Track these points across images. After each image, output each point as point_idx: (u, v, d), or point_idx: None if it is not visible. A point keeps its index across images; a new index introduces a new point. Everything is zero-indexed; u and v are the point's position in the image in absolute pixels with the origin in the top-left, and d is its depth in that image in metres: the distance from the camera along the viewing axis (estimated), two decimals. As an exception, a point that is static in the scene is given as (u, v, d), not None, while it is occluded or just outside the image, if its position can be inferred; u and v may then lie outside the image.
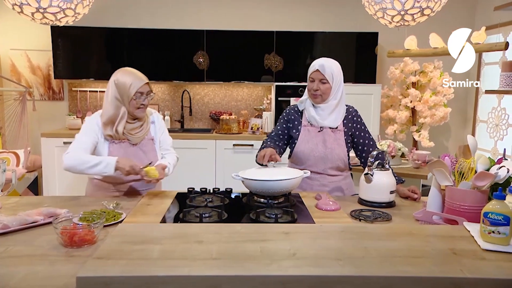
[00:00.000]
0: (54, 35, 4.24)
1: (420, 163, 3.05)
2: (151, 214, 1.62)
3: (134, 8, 4.51)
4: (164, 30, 4.28)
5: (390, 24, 2.66)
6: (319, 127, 2.08)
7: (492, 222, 1.15)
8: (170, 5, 4.51)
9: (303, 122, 2.12)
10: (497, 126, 4.11)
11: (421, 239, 1.24)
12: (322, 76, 2.04)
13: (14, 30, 4.48)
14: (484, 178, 1.36)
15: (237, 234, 1.25)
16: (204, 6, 4.52)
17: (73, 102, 4.62)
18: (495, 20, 4.01)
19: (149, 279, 0.97)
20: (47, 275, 1.05)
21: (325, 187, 2.06)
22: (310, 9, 4.55)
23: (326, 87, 2.05)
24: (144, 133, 2.02)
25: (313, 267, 1.03)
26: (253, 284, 0.99)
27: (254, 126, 4.22)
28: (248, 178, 1.67)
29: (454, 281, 0.99)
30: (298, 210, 1.67)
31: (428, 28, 3.81)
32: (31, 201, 1.76)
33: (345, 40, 4.36)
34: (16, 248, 1.23)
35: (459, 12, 4.53)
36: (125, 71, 1.97)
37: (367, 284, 1.00)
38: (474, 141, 1.48)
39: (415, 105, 4.06)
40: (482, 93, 4.39)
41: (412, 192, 1.89)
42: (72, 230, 1.22)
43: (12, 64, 4.53)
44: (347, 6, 4.54)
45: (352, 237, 1.24)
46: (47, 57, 4.48)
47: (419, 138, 4.12)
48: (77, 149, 1.88)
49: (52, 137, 4.05)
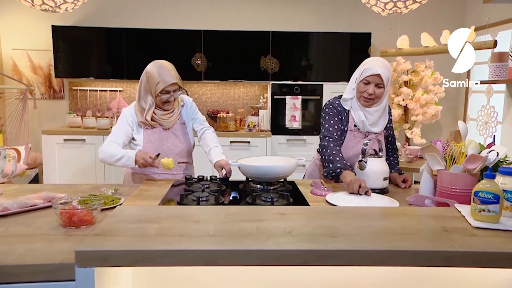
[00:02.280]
0: (55, 35, 4.23)
1: (412, 157, 3.06)
2: (150, 198, 1.60)
3: (133, 9, 4.50)
4: (162, 30, 4.28)
5: (383, 11, 2.65)
6: (365, 133, 1.92)
7: (482, 201, 1.15)
8: (168, 6, 4.52)
9: (350, 125, 1.92)
10: (486, 123, 4.13)
11: (414, 219, 1.24)
12: (380, 80, 1.83)
13: (16, 30, 4.47)
14: (475, 161, 1.36)
15: (234, 215, 1.24)
16: (201, 7, 4.52)
17: (73, 100, 4.60)
18: (484, 21, 4.04)
19: (147, 253, 0.96)
20: (46, 252, 1.04)
21: None
22: (305, 10, 4.56)
23: (381, 92, 1.85)
24: (175, 118, 2.06)
25: (308, 243, 1.02)
26: (249, 258, 0.98)
27: (250, 124, 4.22)
28: (244, 164, 1.66)
29: (446, 254, 0.98)
30: (293, 195, 1.66)
31: (419, 28, 3.84)
32: (31, 188, 1.75)
33: (339, 40, 4.38)
34: (16, 228, 1.22)
35: (449, 13, 4.57)
36: (158, 67, 1.98)
37: (361, 258, 0.99)
38: (465, 127, 1.49)
39: (408, 103, 4.07)
40: (471, 92, 4.41)
41: (403, 180, 1.89)
42: (71, 210, 1.21)
43: (13, 63, 4.51)
44: (341, 7, 4.56)
45: (346, 217, 1.24)
46: (48, 57, 4.46)
47: (411, 135, 4.13)
48: (109, 142, 1.96)
49: (52, 134, 4.03)
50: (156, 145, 1.99)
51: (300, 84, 4.22)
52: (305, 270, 1.21)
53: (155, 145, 1.99)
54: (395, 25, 4.31)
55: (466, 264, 0.98)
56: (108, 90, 4.60)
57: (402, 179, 1.89)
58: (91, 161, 4.06)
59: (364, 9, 4.51)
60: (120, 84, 4.61)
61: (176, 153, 2.02)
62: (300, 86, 4.21)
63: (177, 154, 2.03)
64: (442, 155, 1.48)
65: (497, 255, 0.98)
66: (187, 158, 2.12)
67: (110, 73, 4.38)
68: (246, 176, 1.74)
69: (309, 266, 1.00)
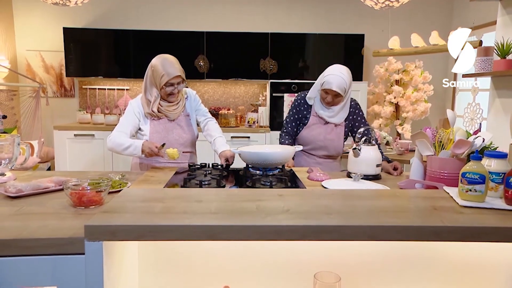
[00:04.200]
0: (66, 37, 4.22)
1: (403, 150, 3.06)
2: (155, 183, 1.60)
3: (139, 11, 4.50)
4: (166, 32, 4.28)
5: (376, 5, 2.64)
6: (325, 121, 2.11)
7: (469, 181, 1.15)
8: (172, 9, 4.51)
9: (312, 112, 2.13)
10: (472, 120, 4.13)
11: (405, 200, 1.23)
12: (337, 93, 1.99)
13: (30, 32, 4.47)
14: (462, 146, 1.36)
15: (235, 195, 1.24)
16: (204, 10, 4.52)
17: (83, 98, 4.60)
18: (470, 23, 4.04)
19: (152, 228, 0.96)
20: (57, 227, 1.03)
21: (319, 164, 2.12)
22: (302, 13, 4.56)
23: (339, 100, 2.05)
24: (180, 110, 2.06)
25: (305, 219, 1.02)
26: (248, 233, 0.98)
27: (250, 120, 4.22)
28: (245, 151, 1.66)
29: (435, 229, 0.98)
30: (291, 179, 1.66)
31: (409, 29, 3.84)
32: (43, 174, 1.75)
33: (334, 41, 4.37)
34: (30, 208, 1.21)
35: (437, 15, 4.58)
36: (162, 60, 1.97)
37: (355, 233, 0.99)
38: (453, 115, 1.48)
39: (399, 101, 4.07)
40: (458, 90, 4.41)
41: (394, 168, 1.88)
42: (81, 191, 1.21)
43: (27, 64, 4.50)
44: (336, 10, 4.56)
45: (341, 198, 1.24)
46: (59, 57, 4.46)
47: (402, 131, 4.13)
48: (118, 132, 1.95)
49: (64, 130, 4.03)
50: (162, 135, 1.99)
51: (297, 82, 4.21)
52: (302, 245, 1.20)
53: (161, 135, 1.99)
54: (387, 26, 4.31)
55: (454, 238, 0.98)
56: (115, 88, 4.60)
57: (393, 167, 1.89)
58: (99, 154, 4.06)
59: (358, 11, 4.51)
60: (127, 82, 4.60)
61: (181, 143, 2.02)
62: (297, 84, 4.20)
63: (182, 144, 2.03)
64: (431, 141, 1.48)
65: (483, 229, 0.97)
66: (191, 148, 2.12)
67: (117, 72, 4.37)
68: (246, 162, 1.74)
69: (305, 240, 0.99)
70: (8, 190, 1.30)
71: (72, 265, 0.94)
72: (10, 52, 4.39)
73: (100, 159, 4.07)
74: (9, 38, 4.39)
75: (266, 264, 1.24)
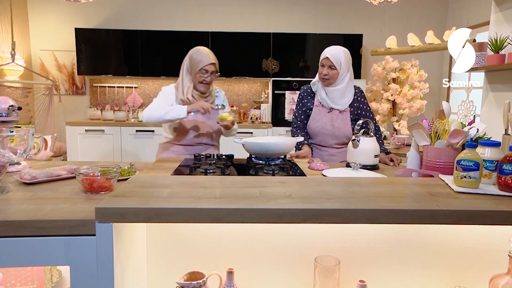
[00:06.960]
0: (78, 37, 4.23)
1: (400, 144, 3.04)
2: (162, 171, 1.60)
3: (147, 12, 4.50)
4: (173, 32, 4.28)
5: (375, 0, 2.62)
6: (329, 108, 2.07)
7: (464, 168, 1.14)
8: (178, 10, 4.51)
9: (315, 102, 2.11)
10: (466, 117, 4.09)
11: (402, 186, 1.22)
12: (330, 62, 2.00)
13: (43, 33, 4.48)
14: (457, 135, 1.35)
15: (239, 182, 1.23)
16: (208, 11, 4.51)
17: (93, 96, 4.60)
18: (464, 23, 4.01)
19: (160, 211, 0.95)
20: (70, 210, 1.03)
21: (333, 156, 2.08)
22: (303, 13, 4.55)
23: (334, 73, 2.01)
24: (210, 102, 2.06)
25: (306, 203, 1.02)
26: (252, 216, 0.97)
27: (253, 116, 4.21)
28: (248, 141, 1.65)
29: (431, 213, 0.97)
30: (292, 169, 1.65)
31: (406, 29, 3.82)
32: (56, 164, 1.74)
33: (334, 41, 4.34)
34: (43, 193, 1.21)
35: (432, 15, 4.55)
36: (200, 49, 2.02)
37: (355, 216, 0.98)
38: (448, 106, 1.47)
39: (395, 98, 4.05)
40: (452, 88, 4.38)
41: (390, 159, 1.87)
42: (92, 177, 1.20)
43: (41, 63, 4.51)
44: (335, 11, 4.54)
45: (341, 185, 1.23)
46: (71, 57, 4.46)
47: (399, 127, 4.11)
48: (154, 105, 1.94)
49: (75, 125, 4.04)
50: (192, 124, 2.00)
51: (298, 80, 4.20)
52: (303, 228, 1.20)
53: (192, 124, 2.00)
54: (384, 27, 4.29)
55: (449, 221, 0.97)
56: (124, 86, 4.60)
57: (390, 159, 1.88)
58: (109, 149, 4.07)
59: (356, 12, 4.49)
60: (136, 81, 4.61)
61: (208, 135, 2.05)
62: (298, 82, 4.19)
63: (209, 136, 2.05)
64: (427, 132, 1.47)
65: (477, 212, 0.97)
66: (216, 141, 2.14)
67: (126, 71, 4.38)
68: (249, 153, 1.73)
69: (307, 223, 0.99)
70: (23, 177, 1.30)
71: (84, 245, 0.94)
72: (25, 52, 4.40)
73: (110, 153, 4.07)
74: (24, 38, 4.39)
75: (268, 248, 1.23)
